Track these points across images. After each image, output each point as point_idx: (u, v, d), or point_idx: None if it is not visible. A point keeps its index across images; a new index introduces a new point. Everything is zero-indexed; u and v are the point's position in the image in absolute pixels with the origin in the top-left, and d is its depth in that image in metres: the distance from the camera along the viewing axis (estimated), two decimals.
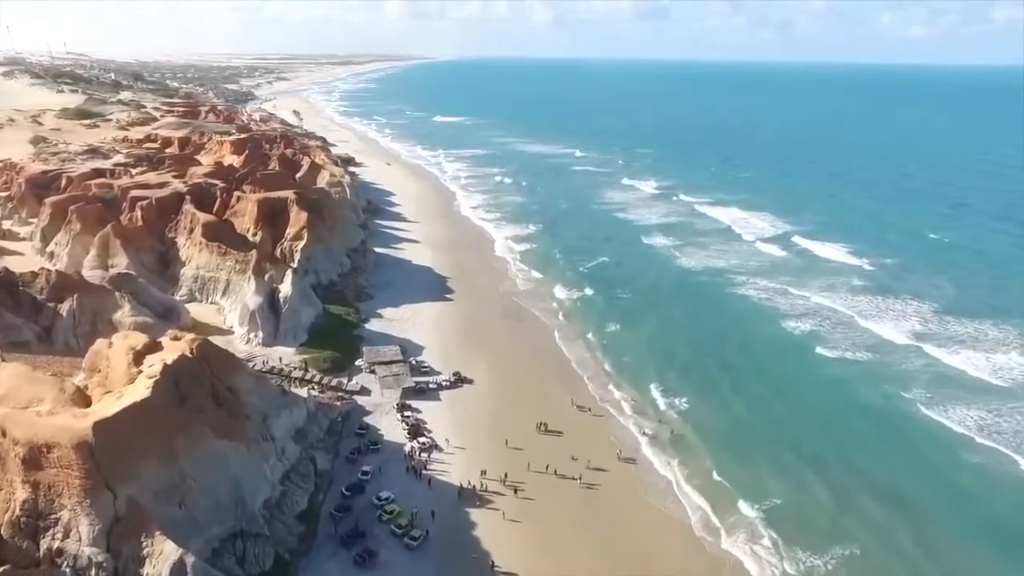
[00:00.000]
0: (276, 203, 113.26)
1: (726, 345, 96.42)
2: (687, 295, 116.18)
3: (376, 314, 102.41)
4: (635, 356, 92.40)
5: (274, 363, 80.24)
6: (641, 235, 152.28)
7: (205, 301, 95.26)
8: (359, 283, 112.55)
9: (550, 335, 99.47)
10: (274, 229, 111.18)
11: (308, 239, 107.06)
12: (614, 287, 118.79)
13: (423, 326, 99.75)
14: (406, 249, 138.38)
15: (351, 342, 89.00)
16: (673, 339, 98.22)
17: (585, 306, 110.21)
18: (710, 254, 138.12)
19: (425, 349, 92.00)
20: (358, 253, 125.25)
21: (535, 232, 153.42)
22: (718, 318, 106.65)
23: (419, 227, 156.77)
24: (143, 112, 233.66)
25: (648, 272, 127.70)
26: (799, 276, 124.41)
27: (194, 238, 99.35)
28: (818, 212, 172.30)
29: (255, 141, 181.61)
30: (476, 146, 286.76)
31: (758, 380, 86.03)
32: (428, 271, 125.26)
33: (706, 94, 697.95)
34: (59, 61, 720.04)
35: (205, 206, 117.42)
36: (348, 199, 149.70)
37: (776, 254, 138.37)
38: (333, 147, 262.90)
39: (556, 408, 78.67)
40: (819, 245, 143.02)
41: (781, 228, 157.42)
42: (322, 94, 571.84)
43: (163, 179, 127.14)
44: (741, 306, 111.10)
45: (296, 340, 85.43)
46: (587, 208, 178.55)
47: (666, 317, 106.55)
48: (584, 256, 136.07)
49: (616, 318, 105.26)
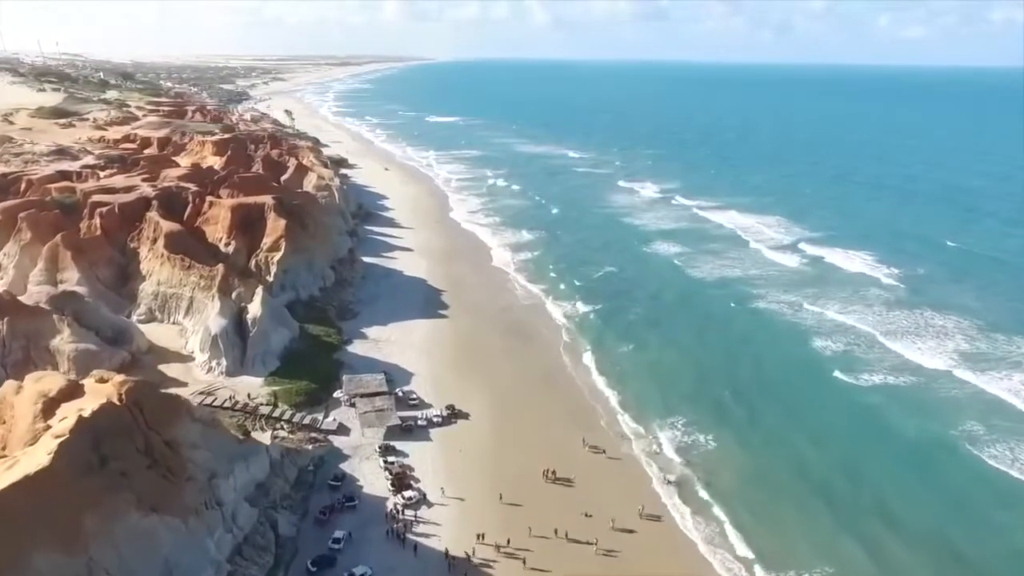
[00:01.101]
0: (252, 209, 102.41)
1: (744, 370, 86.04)
2: (699, 310, 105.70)
3: (360, 335, 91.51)
4: (650, 383, 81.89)
5: (238, 396, 69.33)
6: (646, 242, 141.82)
7: (166, 321, 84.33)
8: (343, 298, 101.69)
9: (555, 358, 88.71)
10: (250, 238, 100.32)
11: (286, 250, 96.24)
12: (622, 301, 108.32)
13: (413, 348, 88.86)
14: (398, 259, 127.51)
15: (330, 369, 78.10)
16: (688, 362, 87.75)
17: (592, 323, 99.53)
18: (719, 264, 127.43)
19: (414, 376, 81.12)
20: (344, 264, 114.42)
21: (534, 239, 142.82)
22: (733, 337, 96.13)
23: (413, 234, 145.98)
24: (125, 111, 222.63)
25: (656, 284, 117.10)
26: (812, 288, 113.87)
27: (156, 250, 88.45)
28: (825, 216, 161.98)
29: (239, 142, 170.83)
30: (474, 147, 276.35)
31: (780, 411, 76.12)
32: (421, 283, 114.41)
33: (706, 95, 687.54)
34: (52, 61, 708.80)
35: (176, 212, 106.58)
36: (336, 204, 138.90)
37: (787, 264, 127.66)
38: (326, 148, 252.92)
39: (565, 449, 67.88)
40: (830, 252, 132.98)
41: (789, 234, 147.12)
42: (318, 94, 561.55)
43: (131, 182, 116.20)
44: (755, 324, 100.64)
45: (265, 368, 74.49)
46: (588, 212, 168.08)
47: (679, 335, 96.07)
48: (587, 266, 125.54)
49: (627, 337, 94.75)
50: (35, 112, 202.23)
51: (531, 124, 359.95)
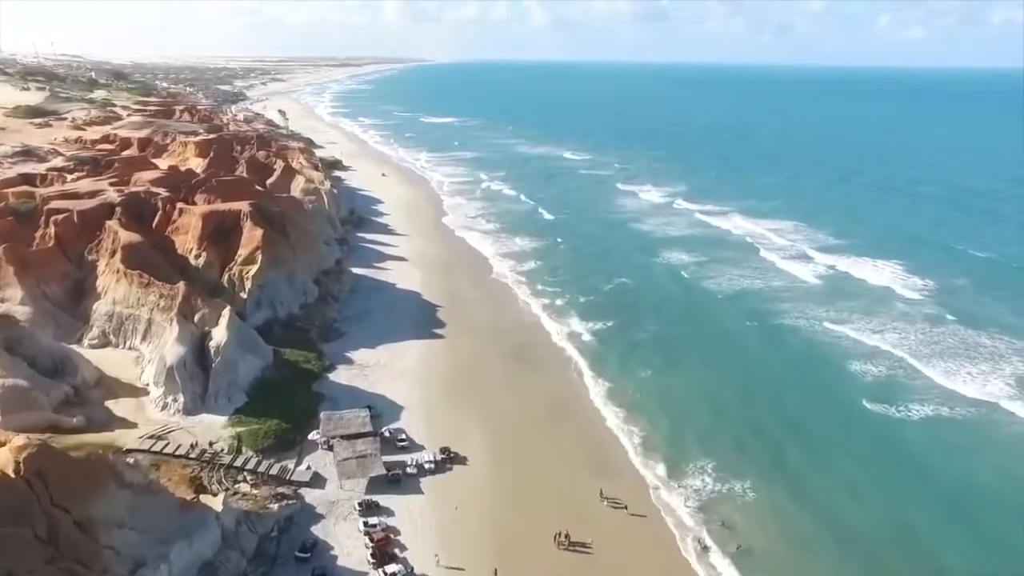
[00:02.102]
0: (227, 217, 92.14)
1: (770, 400, 76.39)
2: (714, 329, 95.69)
3: (345, 359, 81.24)
4: (672, 416, 72.02)
5: (196, 439, 59.05)
6: (652, 251, 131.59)
7: (122, 346, 74.02)
8: (327, 316, 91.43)
9: (563, 386, 78.55)
10: (224, 250, 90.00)
11: (263, 262, 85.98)
12: (632, 318, 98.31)
13: (404, 376, 78.57)
14: (391, 269, 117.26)
15: (306, 404, 67.87)
16: (711, 391, 77.94)
17: (602, 344, 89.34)
18: (732, 276, 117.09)
19: (404, 410, 70.89)
20: (331, 276, 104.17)
21: (536, 247, 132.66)
22: (754, 361, 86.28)
23: (407, 241, 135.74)
24: (108, 111, 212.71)
25: (668, 298, 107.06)
26: (831, 304, 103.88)
27: (112, 264, 78.19)
28: (835, 221, 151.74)
29: (223, 143, 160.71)
30: (473, 149, 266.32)
31: (815, 453, 66.53)
32: (415, 298, 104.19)
33: (706, 96, 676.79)
34: (48, 61, 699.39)
35: (144, 220, 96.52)
36: (324, 209, 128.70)
37: (802, 276, 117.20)
38: (320, 149, 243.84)
39: (580, 502, 57.77)
40: (844, 262, 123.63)
41: (800, 242, 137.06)
42: (316, 95, 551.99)
43: (97, 187, 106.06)
44: (776, 345, 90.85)
45: (230, 404, 64.22)
46: (590, 218, 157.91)
47: (697, 359, 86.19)
48: (593, 277, 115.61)
49: (641, 361, 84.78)
50: (11, 111, 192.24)
51: (531, 125, 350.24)
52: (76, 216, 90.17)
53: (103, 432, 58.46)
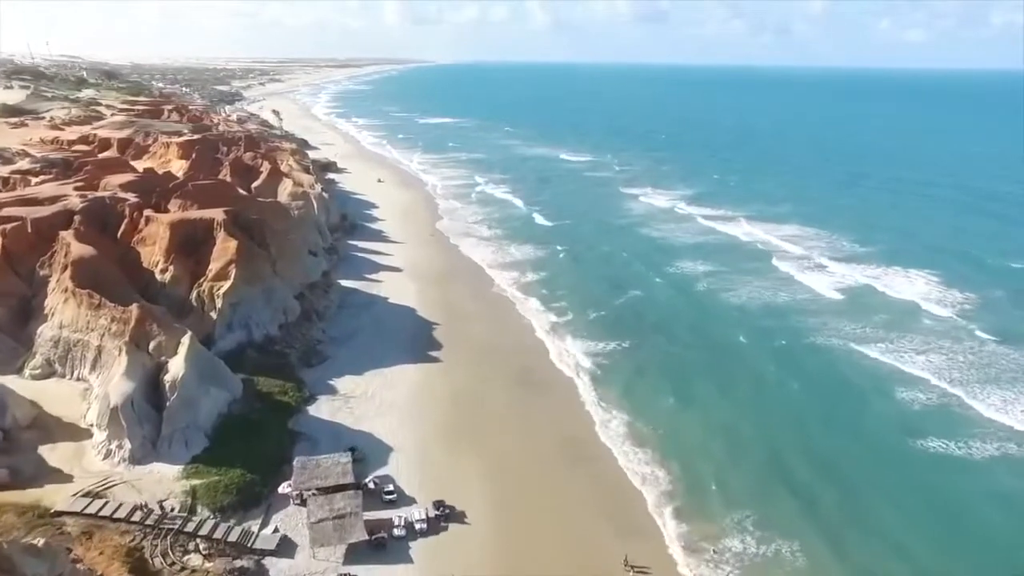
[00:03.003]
0: (198, 226, 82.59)
1: (806, 436, 67.28)
2: (736, 350, 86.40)
3: (328, 388, 71.75)
4: (701, 457, 63.24)
5: (142, 496, 49.47)
6: (662, 260, 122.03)
7: (69, 376, 64.45)
8: (311, 337, 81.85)
9: (575, 420, 69.11)
10: (194, 263, 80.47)
11: (237, 277, 76.42)
12: (649, 337, 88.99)
13: (394, 409, 69.04)
14: (384, 282, 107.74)
15: (278, 446, 58.35)
16: (740, 424, 68.98)
17: (617, 368, 79.92)
18: (750, 289, 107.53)
19: (393, 453, 61.37)
20: (317, 290, 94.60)
21: (539, 256, 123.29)
22: (781, 388, 77.05)
23: (403, 250, 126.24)
24: (91, 110, 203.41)
25: (685, 314, 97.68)
26: (857, 321, 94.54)
27: (62, 281, 68.64)
28: (848, 228, 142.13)
29: (208, 143, 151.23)
30: (473, 150, 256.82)
31: (863, 501, 57.49)
32: (409, 314, 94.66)
33: (706, 97, 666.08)
34: (44, 61, 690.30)
35: (109, 229, 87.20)
36: (313, 216, 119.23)
37: (821, 289, 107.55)
38: (315, 150, 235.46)
39: (601, 571, 48.29)
40: (863, 272, 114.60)
41: (815, 251, 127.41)
42: (314, 95, 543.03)
43: (61, 191, 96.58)
44: (804, 369, 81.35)
45: (188, 450, 54.61)
46: (594, 224, 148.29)
47: (722, 385, 77.12)
48: (601, 289, 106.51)
49: (661, 388, 75.64)
50: None
51: (531, 126, 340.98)
52: (29, 225, 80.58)
53: (30, 488, 48.98)
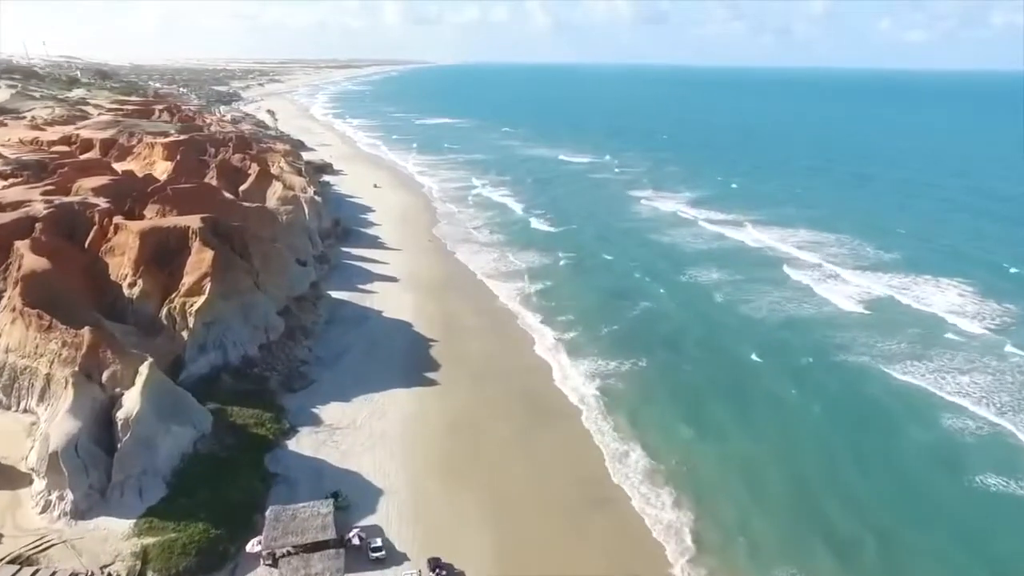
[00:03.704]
0: (172, 235, 75.16)
1: (848, 473, 59.81)
2: (760, 373, 78.83)
3: (311, 417, 64.25)
4: (734, 501, 55.61)
5: (82, 560, 41.97)
6: (674, 268, 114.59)
7: (15, 408, 56.91)
8: (294, 357, 74.33)
9: (588, 455, 61.69)
10: (167, 276, 73.07)
11: (212, 292, 68.96)
12: (665, 355, 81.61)
13: (385, 441, 61.53)
14: (378, 292, 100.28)
15: (249, 493, 50.76)
16: (771, 459, 61.78)
17: (632, 393, 72.55)
18: (767, 303, 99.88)
19: (383, 497, 53.85)
20: (304, 304, 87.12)
21: (543, 264, 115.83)
22: (816, 416, 69.61)
23: (399, 257, 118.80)
24: (77, 109, 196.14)
25: (701, 329, 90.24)
26: (883, 338, 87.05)
27: (11, 298, 61.12)
28: (860, 234, 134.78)
29: (194, 144, 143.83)
30: (471, 152, 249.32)
31: (912, 549, 50.57)
32: (404, 330, 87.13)
33: (707, 98, 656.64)
34: (41, 61, 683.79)
35: (77, 238, 79.97)
36: (302, 221, 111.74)
37: (841, 302, 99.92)
38: (311, 151, 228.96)
39: None
40: (883, 283, 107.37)
41: (829, 259, 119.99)
42: (313, 96, 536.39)
43: (27, 196, 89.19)
44: (834, 395, 73.82)
45: (141, 501, 47.05)
46: (597, 229, 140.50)
47: (747, 410, 70.01)
48: (611, 300, 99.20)
49: (682, 415, 68.32)
50: None
51: (531, 127, 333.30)
52: None
53: None
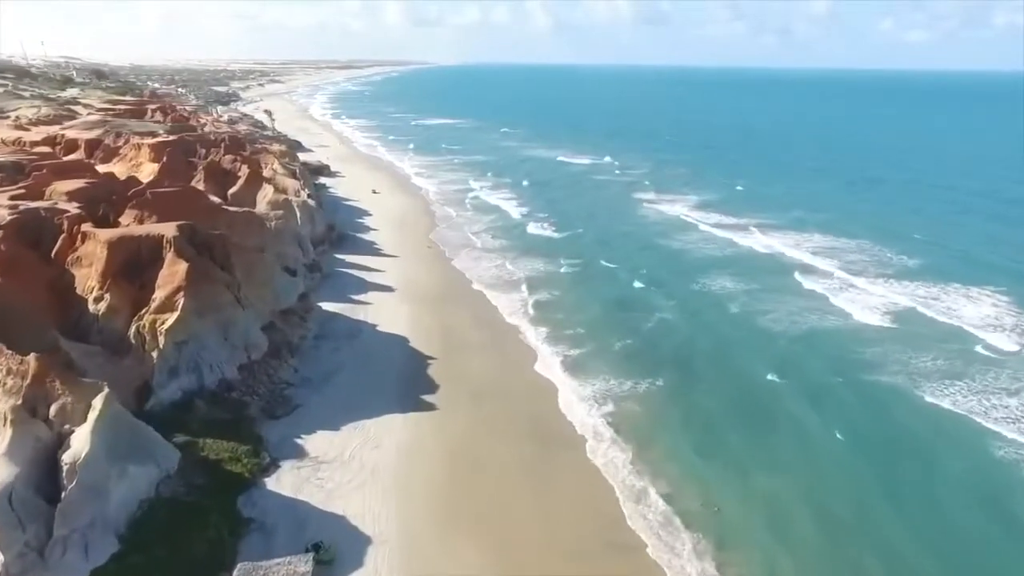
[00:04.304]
0: (145, 244, 68.53)
1: (874, 515, 52.22)
2: (775, 391, 71.39)
3: (294, 448, 57.59)
4: (753, 550, 48.76)
5: None
6: (681, 278, 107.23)
7: None
8: (278, 378, 67.71)
9: (600, 493, 54.81)
10: (137, 290, 66.49)
11: (185, 308, 62.37)
12: (673, 373, 74.34)
13: (377, 477, 54.87)
14: (372, 304, 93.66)
15: (217, 546, 44.07)
16: (787, 497, 54.28)
17: (643, 419, 65.50)
18: (781, 313, 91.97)
19: (372, 547, 47.14)
20: (291, 318, 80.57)
21: (546, 273, 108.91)
22: (838, 443, 61.99)
23: (396, 265, 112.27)
24: (66, 109, 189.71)
25: (711, 343, 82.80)
26: (913, 356, 78.63)
27: None
28: (874, 240, 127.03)
29: (183, 145, 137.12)
30: (472, 153, 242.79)
31: None
32: (400, 346, 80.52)
33: (708, 99, 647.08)
34: (38, 61, 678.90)
35: (43, 247, 73.33)
36: (293, 227, 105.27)
37: (862, 315, 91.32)
38: (308, 152, 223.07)
39: None
40: (904, 293, 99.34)
41: (845, 267, 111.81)
42: (312, 96, 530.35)
43: None
44: (859, 418, 66.14)
45: (87, 560, 40.19)
46: (602, 235, 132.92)
47: (760, 439, 62.66)
48: (616, 313, 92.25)
49: (707, 446, 61.25)
50: None
51: (532, 128, 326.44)
52: None
53: None
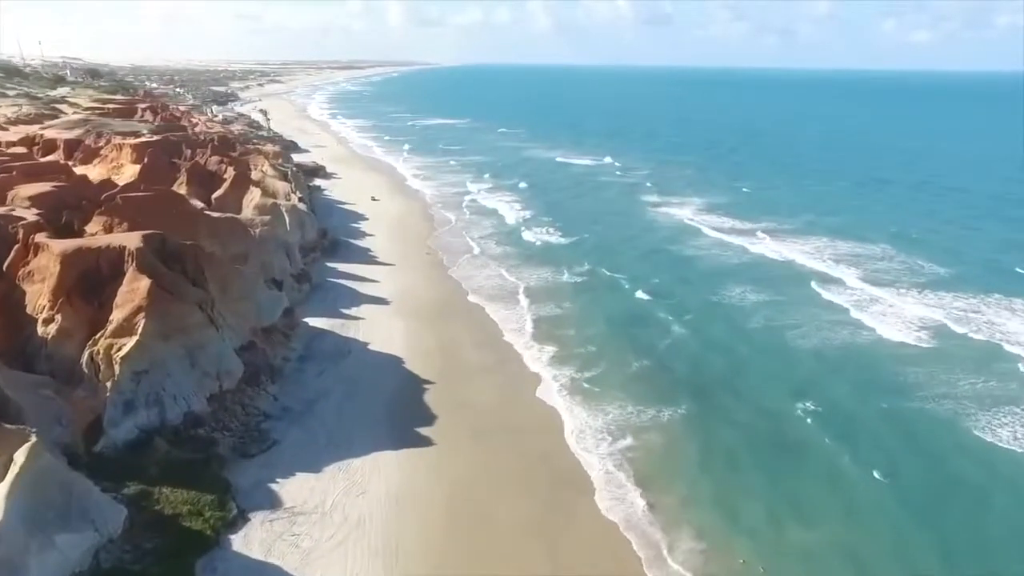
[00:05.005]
0: (105, 257, 60.91)
1: None
2: (800, 424, 63.02)
3: (267, 497, 49.78)
4: None
5: None
6: (691, 290, 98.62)
7: None
8: (254, 409, 59.96)
9: (621, 554, 46.78)
10: (97, 309, 58.97)
11: (145, 332, 54.72)
12: (689, 402, 65.74)
13: (362, 534, 47.08)
14: (365, 319, 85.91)
15: None
16: (827, 557, 45.99)
17: (668, 460, 57.32)
18: (802, 331, 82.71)
19: None
20: (274, 336, 72.92)
21: (550, 285, 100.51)
22: (878, 489, 53.46)
23: (392, 274, 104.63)
24: (50, 108, 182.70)
25: (729, 367, 74.27)
26: (956, 382, 70.51)
27: None
28: (891, 245, 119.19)
29: (167, 146, 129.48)
30: (473, 154, 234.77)
31: None
32: (394, 368, 72.75)
33: (710, 99, 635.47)
34: (35, 61, 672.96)
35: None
36: (280, 235, 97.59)
37: (893, 333, 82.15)
38: (305, 153, 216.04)
39: None
40: (932, 307, 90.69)
41: (862, 275, 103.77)
42: (312, 96, 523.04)
43: None
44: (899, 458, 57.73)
45: None
46: (607, 242, 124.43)
47: (789, 482, 54.41)
48: (632, 329, 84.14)
49: (727, 492, 52.86)
50: None
51: (533, 128, 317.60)
52: None
53: None
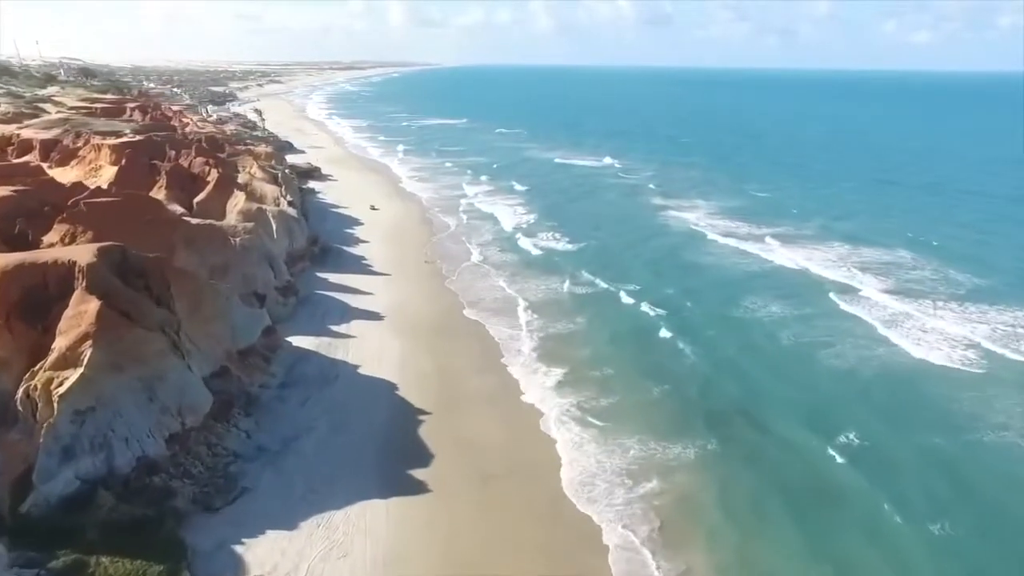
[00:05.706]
0: (52, 275, 52.99)
1: None
2: (833, 468, 54.66)
3: (229, 561, 41.65)
4: None
5: None
6: (704, 306, 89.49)
7: None
8: (223, 449, 51.93)
9: None
10: (41, 334, 51.06)
11: (91, 363, 46.78)
12: (706, 438, 57.75)
13: None
14: (356, 337, 77.80)
15: None
16: None
17: (689, 513, 49.10)
18: (827, 354, 74.35)
19: None
20: (252, 359, 64.89)
21: (555, 298, 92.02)
22: (928, 547, 45.81)
23: (387, 285, 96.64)
24: (33, 107, 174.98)
25: (747, 397, 65.66)
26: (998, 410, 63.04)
27: None
28: (908, 251, 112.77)
29: (148, 146, 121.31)
30: (474, 155, 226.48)
31: None
32: (386, 395, 64.67)
33: (710, 100, 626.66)
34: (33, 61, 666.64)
35: None
36: (263, 244, 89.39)
37: (923, 353, 74.56)
38: (301, 154, 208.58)
39: None
40: (963, 323, 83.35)
41: (884, 288, 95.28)
42: (311, 97, 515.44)
43: None
44: (953, 510, 49.56)
45: None
46: (612, 249, 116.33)
47: (834, 536, 46.71)
48: (652, 347, 76.54)
49: (755, 553, 45.34)
50: None
51: (534, 129, 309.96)
52: None
53: None
